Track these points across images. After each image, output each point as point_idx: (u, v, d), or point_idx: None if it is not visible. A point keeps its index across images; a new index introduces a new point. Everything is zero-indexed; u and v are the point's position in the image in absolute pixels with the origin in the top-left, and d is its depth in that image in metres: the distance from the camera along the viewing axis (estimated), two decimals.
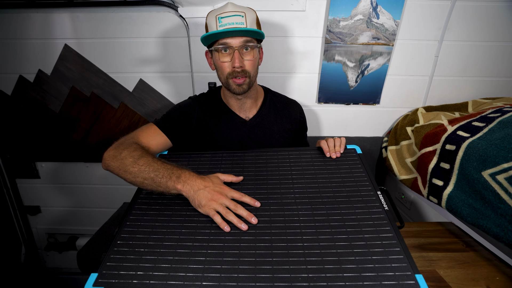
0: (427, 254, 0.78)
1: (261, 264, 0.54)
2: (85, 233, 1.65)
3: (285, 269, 0.53)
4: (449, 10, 1.17)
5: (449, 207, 0.90)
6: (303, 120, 1.09)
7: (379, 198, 0.68)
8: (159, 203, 0.71)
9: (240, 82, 0.85)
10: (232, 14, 0.79)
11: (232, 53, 0.82)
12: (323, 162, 0.82)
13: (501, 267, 0.74)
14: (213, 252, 0.57)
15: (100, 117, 1.39)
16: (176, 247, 0.59)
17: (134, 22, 1.21)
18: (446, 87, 1.31)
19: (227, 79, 0.86)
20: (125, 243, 0.61)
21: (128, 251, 0.59)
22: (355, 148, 0.87)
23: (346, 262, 0.53)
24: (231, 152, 0.88)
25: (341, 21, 1.19)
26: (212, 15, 0.82)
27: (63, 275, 1.72)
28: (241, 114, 0.98)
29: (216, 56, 0.84)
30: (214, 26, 0.81)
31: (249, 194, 0.69)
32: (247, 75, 0.85)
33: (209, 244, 0.59)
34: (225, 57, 0.83)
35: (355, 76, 1.29)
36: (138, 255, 0.57)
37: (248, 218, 0.63)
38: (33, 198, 1.58)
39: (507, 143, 0.78)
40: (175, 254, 0.57)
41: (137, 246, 0.60)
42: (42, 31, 1.23)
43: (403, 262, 0.53)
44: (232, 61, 0.82)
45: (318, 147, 0.88)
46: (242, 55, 0.83)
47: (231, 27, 0.79)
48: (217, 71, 0.89)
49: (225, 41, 0.81)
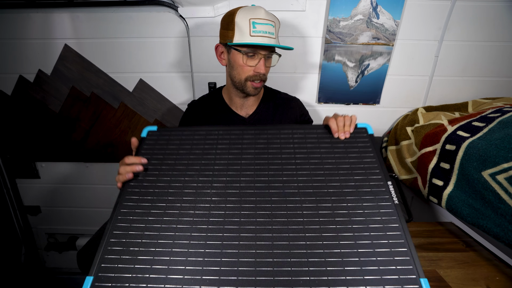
0: (427, 254, 0.78)
1: (261, 266, 0.52)
2: (85, 233, 1.65)
3: (286, 271, 0.51)
4: (449, 10, 1.17)
5: (449, 207, 0.90)
6: (303, 115, 1.08)
7: (389, 189, 0.63)
8: (150, 193, 0.66)
9: (258, 86, 0.89)
10: (265, 22, 0.82)
11: (259, 59, 0.85)
12: (331, 145, 0.73)
13: (501, 267, 0.74)
14: (211, 252, 0.55)
15: (100, 117, 1.39)
16: (172, 246, 0.56)
17: (134, 22, 1.21)
18: (446, 87, 1.31)
19: (246, 80, 0.88)
20: (118, 242, 0.58)
21: (122, 250, 0.56)
22: (366, 128, 0.78)
23: (350, 263, 0.52)
24: (228, 128, 0.79)
25: (341, 21, 1.19)
26: (245, 17, 0.81)
27: (63, 275, 1.72)
28: (241, 112, 0.99)
29: (239, 58, 0.85)
30: (247, 29, 0.81)
31: (248, 181, 0.65)
32: (263, 79, 0.89)
33: (207, 242, 0.56)
34: (251, 61, 0.85)
35: (355, 76, 1.29)
36: (133, 255, 0.55)
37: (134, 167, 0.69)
38: (33, 198, 1.58)
39: (507, 143, 0.78)
40: (172, 253, 0.55)
41: (131, 244, 0.57)
42: (42, 31, 1.23)
43: (409, 264, 0.51)
44: (257, 66, 0.85)
45: (326, 125, 0.80)
46: (266, 61, 0.87)
47: (265, 36, 0.82)
48: (232, 69, 0.89)
49: (257, 50, 0.84)
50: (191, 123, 1.00)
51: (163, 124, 1.40)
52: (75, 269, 1.67)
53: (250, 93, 0.91)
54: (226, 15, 0.87)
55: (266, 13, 0.84)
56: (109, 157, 1.47)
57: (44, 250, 1.69)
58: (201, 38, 1.23)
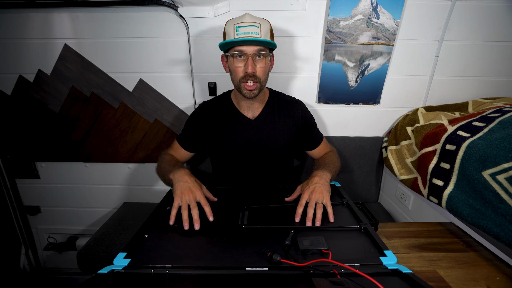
0: (427, 254, 0.78)
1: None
2: (85, 233, 1.65)
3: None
4: (449, 10, 1.17)
5: (449, 207, 0.89)
6: (306, 117, 1.10)
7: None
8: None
9: (251, 88, 0.93)
10: (249, 25, 0.87)
11: (246, 59, 0.90)
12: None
13: (501, 267, 0.74)
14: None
15: (100, 117, 1.39)
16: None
17: (134, 22, 1.21)
18: (446, 87, 1.31)
19: (240, 82, 0.93)
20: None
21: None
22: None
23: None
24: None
25: (341, 21, 1.19)
26: (231, 24, 0.89)
27: (63, 275, 1.72)
28: (248, 114, 1.06)
29: (231, 61, 0.92)
30: (232, 34, 0.88)
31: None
32: (257, 80, 0.93)
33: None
34: (240, 62, 0.91)
35: (355, 76, 1.29)
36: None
37: (194, 222, 0.74)
38: (33, 198, 1.58)
39: (507, 143, 0.78)
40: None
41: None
42: (42, 31, 1.23)
43: None
44: (245, 66, 0.90)
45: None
46: (255, 62, 0.91)
47: (246, 36, 0.86)
48: (231, 75, 0.97)
49: (241, 49, 0.89)
50: (201, 121, 1.07)
51: (163, 124, 1.40)
52: (75, 269, 1.67)
53: (246, 95, 0.95)
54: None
55: (252, 17, 0.89)
56: (109, 157, 1.47)
57: (43, 250, 1.69)
58: (201, 38, 1.23)
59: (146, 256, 0.64)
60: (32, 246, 1.68)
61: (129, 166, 1.50)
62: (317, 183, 0.85)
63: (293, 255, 0.63)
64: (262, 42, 0.87)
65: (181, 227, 0.74)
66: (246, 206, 0.85)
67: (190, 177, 0.86)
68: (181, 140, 1.11)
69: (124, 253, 0.64)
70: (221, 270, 0.59)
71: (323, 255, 0.62)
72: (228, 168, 1.12)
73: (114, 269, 0.59)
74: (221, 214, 0.81)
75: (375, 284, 0.50)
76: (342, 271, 0.57)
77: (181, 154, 1.11)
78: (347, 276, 0.55)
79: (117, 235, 1.25)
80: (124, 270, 0.59)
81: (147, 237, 0.71)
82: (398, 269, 0.58)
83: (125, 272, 0.59)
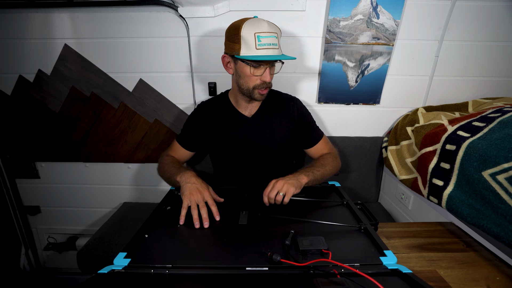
0: (427, 254, 0.78)
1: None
2: (85, 233, 1.65)
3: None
4: (449, 10, 1.17)
5: (449, 207, 0.89)
6: (301, 113, 1.10)
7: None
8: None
9: (265, 92, 0.96)
10: (269, 35, 0.88)
11: (264, 69, 0.92)
12: None
13: (501, 267, 0.74)
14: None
15: (100, 117, 1.39)
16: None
17: (134, 22, 1.21)
18: (446, 87, 1.31)
19: (254, 89, 0.95)
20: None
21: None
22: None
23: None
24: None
25: (341, 21, 1.19)
26: (250, 31, 0.86)
27: (63, 275, 1.72)
28: (246, 112, 1.07)
29: (247, 69, 0.92)
30: (252, 43, 0.86)
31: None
32: (269, 85, 0.96)
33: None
34: (257, 71, 0.92)
35: (355, 76, 1.29)
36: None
37: (204, 220, 0.78)
38: (33, 198, 1.58)
39: (507, 143, 0.78)
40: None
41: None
42: (42, 31, 1.23)
43: None
44: (263, 76, 0.92)
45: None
46: (270, 70, 0.94)
47: (269, 48, 0.88)
48: (240, 78, 0.96)
49: (263, 62, 0.90)
50: (199, 121, 1.09)
51: (163, 124, 1.40)
52: (75, 269, 1.67)
53: (257, 99, 0.98)
54: (231, 28, 0.91)
55: (269, 25, 0.89)
56: (109, 157, 1.47)
57: (43, 250, 1.69)
58: (201, 38, 1.23)
59: (146, 256, 0.64)
60: (32, 246, 1.68)
61: (129, 166, 1.50)
62: (288, 178, 0.88)
63: (293, 255, 0.64)
64: (285, 58, 0.90)
65: (187, 227, 0.77)
66: (245, 206, 0.86)
67: (197, 179, 0.89)
68: (180, 139, 1.12)
69: (124, 253, 0.64)
70: (221, 270, 0.59)
71: (323, 255, 0.63)
72: (228, 166, 1.13)
73: (114, 269, 0.59)
74: (222, 214, 0.82)
75: (375, 284, 0.50)
76: (342, 271, 0.57)
77: (181, 154, 1.12)
78: (347, 276, 0.55)
79: (117, 235, 1.25)
80: (124, 270, 0.59)
81: (147, 237, 0.71)
82: (398, 269, 0.58)
83: (125, 272, 0.59)
